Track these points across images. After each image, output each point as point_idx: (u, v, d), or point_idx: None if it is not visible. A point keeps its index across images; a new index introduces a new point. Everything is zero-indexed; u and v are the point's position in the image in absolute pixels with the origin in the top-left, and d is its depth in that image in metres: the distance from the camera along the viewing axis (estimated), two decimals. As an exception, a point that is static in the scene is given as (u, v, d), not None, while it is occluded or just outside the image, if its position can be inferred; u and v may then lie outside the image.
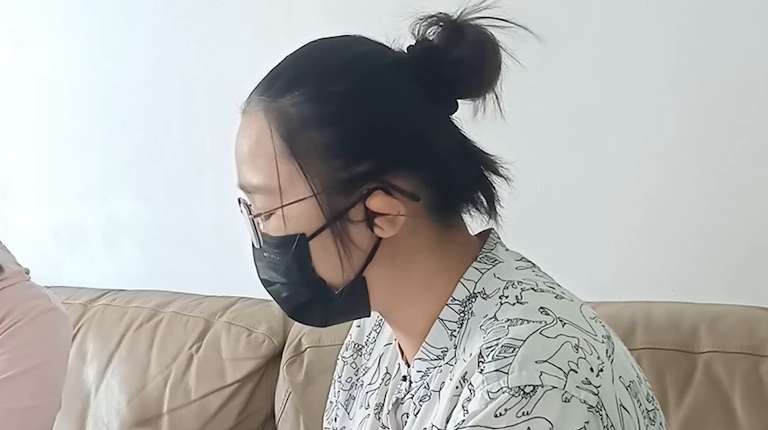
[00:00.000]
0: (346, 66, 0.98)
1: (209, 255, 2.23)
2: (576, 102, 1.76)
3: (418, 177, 0.96)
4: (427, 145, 0.97)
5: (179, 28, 2.28)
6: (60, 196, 2.48)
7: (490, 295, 0.97)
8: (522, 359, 0.87)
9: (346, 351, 1.19)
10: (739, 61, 1.62)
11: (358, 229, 0.96)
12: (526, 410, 0.85)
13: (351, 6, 1.95)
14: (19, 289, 1.63)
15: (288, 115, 0.96)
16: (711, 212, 1.65)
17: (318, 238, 0.96)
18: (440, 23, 0.98)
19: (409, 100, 0.97)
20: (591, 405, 0.86)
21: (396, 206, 0.95)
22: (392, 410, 1.05)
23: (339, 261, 0.96)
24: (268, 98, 0.97)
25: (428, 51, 0.98)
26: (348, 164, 0.95)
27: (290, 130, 0.95)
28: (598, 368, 0.89)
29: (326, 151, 0.95)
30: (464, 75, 0.98)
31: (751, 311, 1.47)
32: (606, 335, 0.95)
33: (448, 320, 0.99)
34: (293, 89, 0.96)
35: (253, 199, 1.00)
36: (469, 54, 0.97)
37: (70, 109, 2.46)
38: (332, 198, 0.95)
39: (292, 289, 1.00)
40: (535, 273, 1.01)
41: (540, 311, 0.92)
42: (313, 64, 0.99)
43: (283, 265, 0.98)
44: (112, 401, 1.94)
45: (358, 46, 1.01)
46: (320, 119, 0.95)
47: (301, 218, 0.96)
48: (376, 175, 0.95)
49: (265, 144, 0.96)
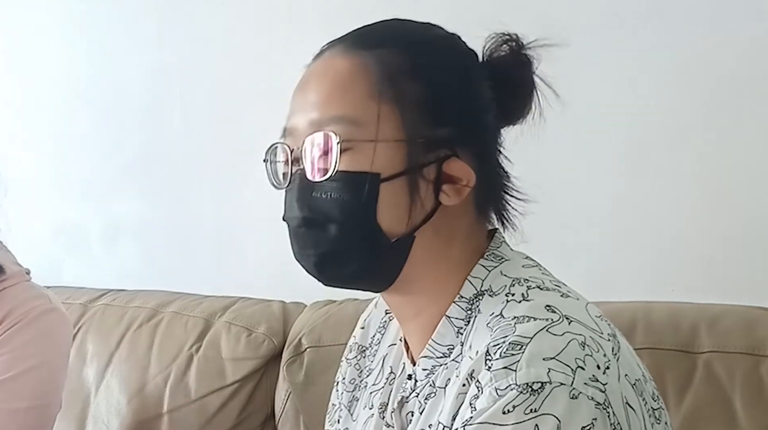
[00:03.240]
0: (442, 39, 1.03)
1: (209, 255, 2.23)
2: (576, 101, 1.76)
3: (477, 161, 1.00)
4: (489, 139, 1.03)
5: (179, 28, 2.28)
6: (60, 197, 2.48)
7: (497, 292, 0.98)
8: (530, 356, 0.88)
9: (350, 353, 1.19)
10: (742, 60, 1.62)
11: (427, 188, 0.98)
12: (534, 407, 0.85)
13: (351, 6, 1.95)
14: (19, 289, 1.63)
15: (387, 62, 0.98)
16: (711, 212, 1.65)
17: (391, 182, 0.96)
18: (510, 43, 1.03)
19: (484, 92, 1.02)
20: (598, 402, 0.87)
21: (469, 174, 0.98)
22: (397, 409, 1.05)
23: (406, 209, 0.97)
24: (360, 47, 0.99)
25: (501, 63, 1.03)
26: (435, 124, 0.97)
27: (390, 76, 0.97)
28: (605, 366, 0.89)
29: (421, 105, 0.97)
30: (526, 96, 1.04)
31: (751, 311, 1.47)
32: (612, 334, 0.96)
33: (455, 317, 1.00)
34: (391, 45, 0.99)
35: (330, 129, 0.97)
36: (530, 79, 1.03)
37: (70, 109, 2.46)
38: (417, 149, 0.97)
39: (345, 229, 0.97)
40: (541, 271, 1.02)
41: (546, 309, 0.93)
42: (408, 31, 1.03)
43: (344, 202, 0.96)
44: (112, 401, 1.94)
45: (442, 29, 1.05)
46: (418, 74, 0.98)
47: (385, 157, 0.96)
48: (452, 144, 0.98)
49: (362, 80, 0.97)
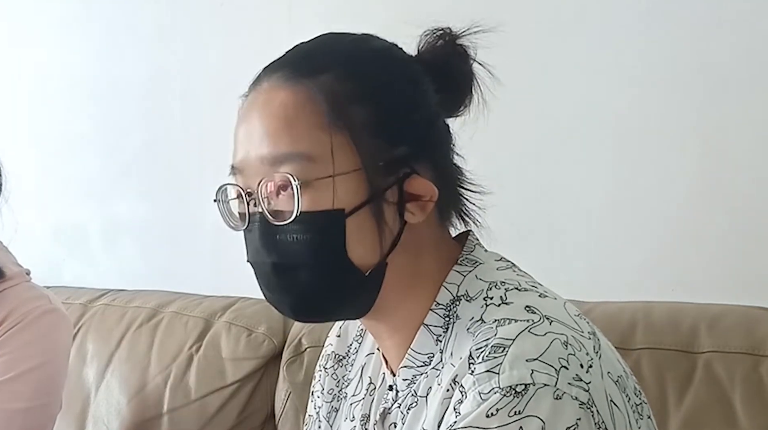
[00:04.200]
0: (381, 54, 1.00)
1: (209, 255, 2.23)
2: (576, 103, 1.76)
3: (435, 170, 0.98)
4: (443, 142, 1.01)
5: (179, 28, 2.28)
6: (60, 197, 2.48)
7: (474, 297, 0.97)
8: (512, 358, 0.87)
9: (326, 362, 1.17)
10: (742, 60, 1.62)
11: (391, 211, 0.96)
12: (518, 409, 0.85)
13: (351, 6, 1.95)
14: (19, 290, 1.63)
15: (332, 88, 0.95)
16: (711, 212, 1.65)
17: (356, 215, 0.94)
18: (446, 38, 1.01)
19: (431, 99, 1.00)
20: (582, 402, 0.87)
21: (431, 189, 0.97)
22: (379, 420, 1.04)
23: (376, 239, 0.95)
24: (302, 75, 0.96)
25: (440, 60, 1.00)
26: (390, 145, 0.95)
27: (338, 103, 0.94)
28: (587, 365, 0.89)
29: (372, 129, 0.95)
30: (465, 89, 1.01)
31: (751, 311, 1.47)
32: (591, 332, 0.95)
33: (433, 325, 0.99)
34: (330, 68, 0.96)
35: (285, 169, 0.93)
36: (469, 70, 1.01)
37: (70, 109, 2.46)
38: (376, 175, 0.95)
39: (317, 272, 0.95)
40: (516, 273, 1.02)
41: (526, 310, 0.93)
42: (347, 49, 1.00)
43: (311, 243, 0.93)
44: (112, 401, 1.94)
45: (379, 40, 1.03)
46: (363, 97, 0.95)
47: (346, 190, 0.94)
48: (409, 161, 0.96)
49: (309, 112, 0.94)
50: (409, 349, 0.99)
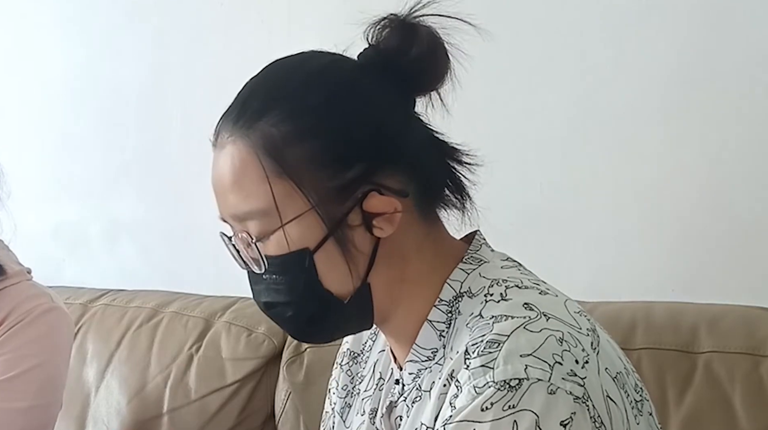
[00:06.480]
0: (314, 79, 1.00)
1: (209, 255, 2.23)
2: (576, 101, 1.76)
3: (402, 174, 0.99)
4: (404, 141, 1.00)
5: (179, 28, 2.28)
6: (60, 197, 2.48)
7: (476, 293, 0.98)
8: (507, 353, 0.89)
9: (342, 359, 1.19)
10: (741, 59, 1.62)
11: (358, 233, 0.97)
12: (512, 403, 0.86)
13: (350, 6, 1.95)
14: (20, 288, 1.63)
15: (270, 135, 0.96)
16: (711, 212, 1.65)
17: (322, 250, 0.96)
18: (392, 25, 1.00)
19: (379, 101, 1.00)
20: (577, 396, 0.87)
21: (392, 203, 0.97)
22: (386, 413, 1.06)
23: (346, 268, 0.97)
24: (243, 125, 0.98)
25: (384, 53, 1.00)
26: (338, 172, 0.96)
27: (276, 149, 0.96)
28: (583, 360, 0.90)
29: (315, 163, 0.96)
30: (421, 72, 1.00)
31: (751, 311, 1.47)
32: (591, 328, 0.96)
33: (436, 320, 1.00)
34: (267, 111, 0.97)
35: (246, 226, 0.99)
36: (423, 51, 0.99)
37: (70, 109, 2.46)
38: (330, 207, 0.96)
39: (299, 306, 0.99)
40: (520, 271, 1.03)
41: (524, 307, 0.94)
42: (281, 84, 1.00)
43: (287, 283, 0.98)
44: (112, 401, 1.94)
45: (317, 59, 1.02)
46: (303, 133, 0.96)
47: (304, 232, 0.96)
48: (366, 178, 0.97)
49: (252, 168, 0.96)
50: (414, 344, 1.01)
